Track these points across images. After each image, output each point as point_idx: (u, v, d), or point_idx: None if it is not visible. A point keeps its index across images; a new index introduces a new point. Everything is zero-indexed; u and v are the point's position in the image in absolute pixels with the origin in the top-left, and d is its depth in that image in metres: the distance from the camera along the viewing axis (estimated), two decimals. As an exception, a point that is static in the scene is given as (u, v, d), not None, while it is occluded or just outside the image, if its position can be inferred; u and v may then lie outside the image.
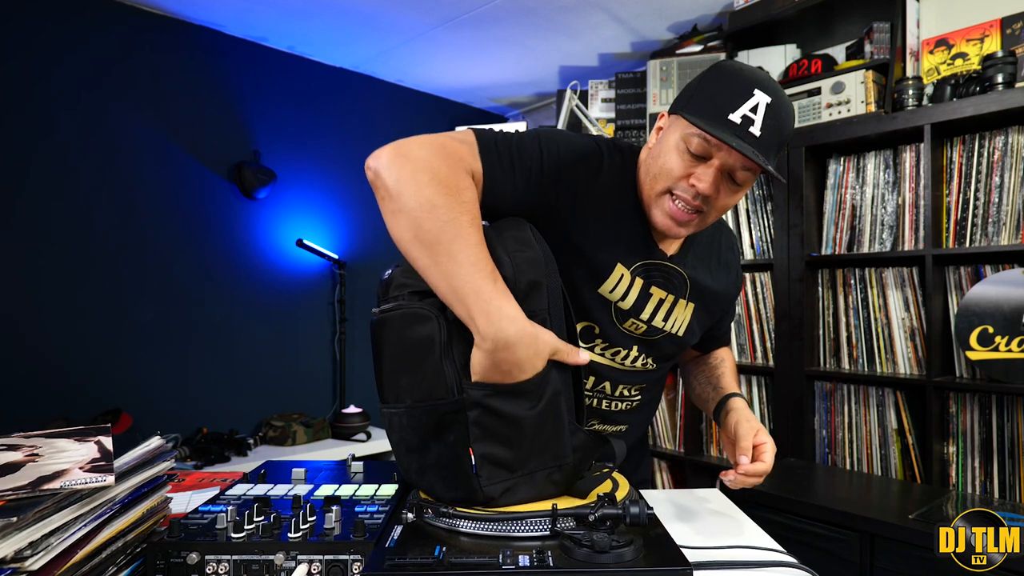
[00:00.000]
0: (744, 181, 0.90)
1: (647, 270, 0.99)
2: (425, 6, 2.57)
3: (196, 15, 2.64)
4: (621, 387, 1.04)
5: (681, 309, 1.03)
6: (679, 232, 0.94)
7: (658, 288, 1.00)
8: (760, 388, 2.36)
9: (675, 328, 1.03)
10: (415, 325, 0.75)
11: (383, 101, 3.38)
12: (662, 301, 1.01)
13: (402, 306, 0.76)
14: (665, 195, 0.92)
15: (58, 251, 2.34)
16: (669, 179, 0.90)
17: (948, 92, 1.93)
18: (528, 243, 0.80)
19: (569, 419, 0.78)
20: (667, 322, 1.02)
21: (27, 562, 0.56)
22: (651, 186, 0.93)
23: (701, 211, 0.91)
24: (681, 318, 1.04)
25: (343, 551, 0.68)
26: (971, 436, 1.86)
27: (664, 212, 0.92)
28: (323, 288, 3.13)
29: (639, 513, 0.70)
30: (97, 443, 0.66)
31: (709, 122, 0.84)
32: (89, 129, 2.42)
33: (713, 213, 0.92)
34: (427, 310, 0.75)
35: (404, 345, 0.76)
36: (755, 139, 0.84)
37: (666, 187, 0.91)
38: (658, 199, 0.93)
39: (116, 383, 2.45)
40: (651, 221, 0.95)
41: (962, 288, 1.89)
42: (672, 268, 1.01)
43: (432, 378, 0.74)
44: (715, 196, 0.89)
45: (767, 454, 0.94)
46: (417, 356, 0.75)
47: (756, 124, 0.84)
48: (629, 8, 2.59)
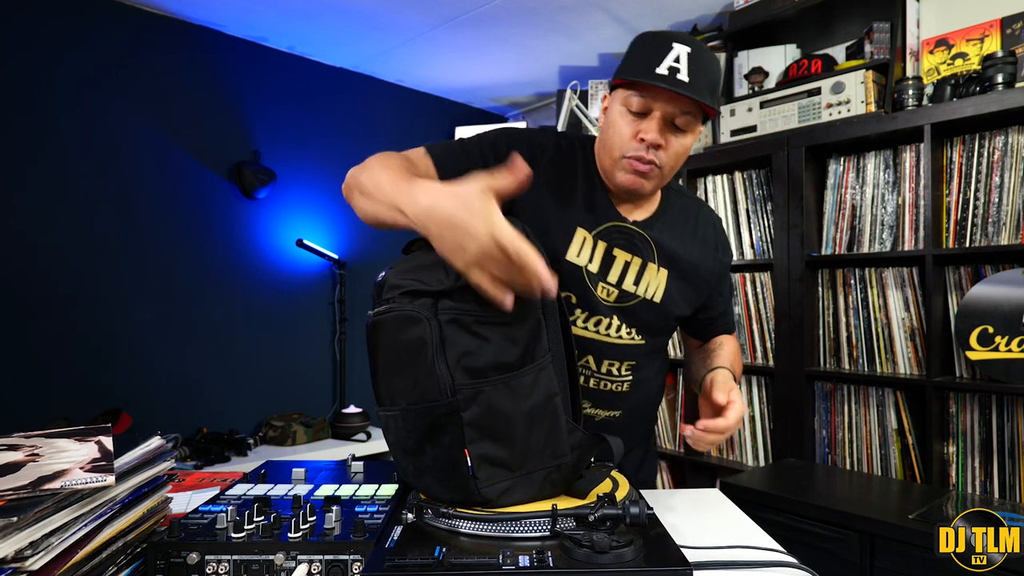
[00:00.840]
0: (687, 126, 0.99)
1: (609, 233, 1.05)
2: (425, 6, 2.57)
3: (196, 15, 2.64)
4: (607, 363, 1.05)
5: (653, 273, 1.07)
6: (643, 186, 1.02)
7: (621, 250, 1.05)
8: (760, 388, 2.36)
9: (649, 293, 1.06)
10: (407, 327, 0.75)
11: (383, 101, 3.38)
12: (628, 263, 1.06)
13: (394, 308, 0.76)
14: (621, 159, 1.01)
15: (58, 251, 2.34)
16: (621, 143, 1.00)
17: (948, 92, 1.93)
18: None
19: (566, 418, 0.78)
20: (639, 286, 1.06)
21: (27, 562, 0.56)
22: (608, 156, 1.03)
23: (655, 163, 1.00)
24: (655, 283, 1.07)
25: (343, 551, 0.68)
26: (971, 436, 1.86)
27: (625, 171, 1.01)
28: (323, 288, 3.13)
29: (639, 513, 0.70)
30: (97, 443, 0.66)
31: (640, 77, 0.95)
32: (89, 129, 2.42)
33: (668, 163, 1.01)
34: (418, 312, 0.75)
35: (397, 347, 0.76)
36: (684, 84, 0.93)
37: (620, 152, 1.01)
38: (617, 164, 1.02)
39: (116, 383, 2.45)
40: (617, 186, 1.04)
41: (962, 288, 1.89)
42: (634, 231, 1.07)
43: (426, 380, 0.74)
44: (664, 145, 0.99)
45: (732, 412, 0.94)
46: (410, 358, 0.75)
47: (682, 71, 0.94)
48: (629, 8, 2.59)
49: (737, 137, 2.38)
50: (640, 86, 0.97)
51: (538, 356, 0.77)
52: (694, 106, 0.96)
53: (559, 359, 0.80)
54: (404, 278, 0.77)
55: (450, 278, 0.75)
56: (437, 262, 0.77)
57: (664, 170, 1.02)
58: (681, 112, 0.97)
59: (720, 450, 2.48)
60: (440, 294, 0.76)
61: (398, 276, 0.78)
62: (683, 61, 0.94)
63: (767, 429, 2.33)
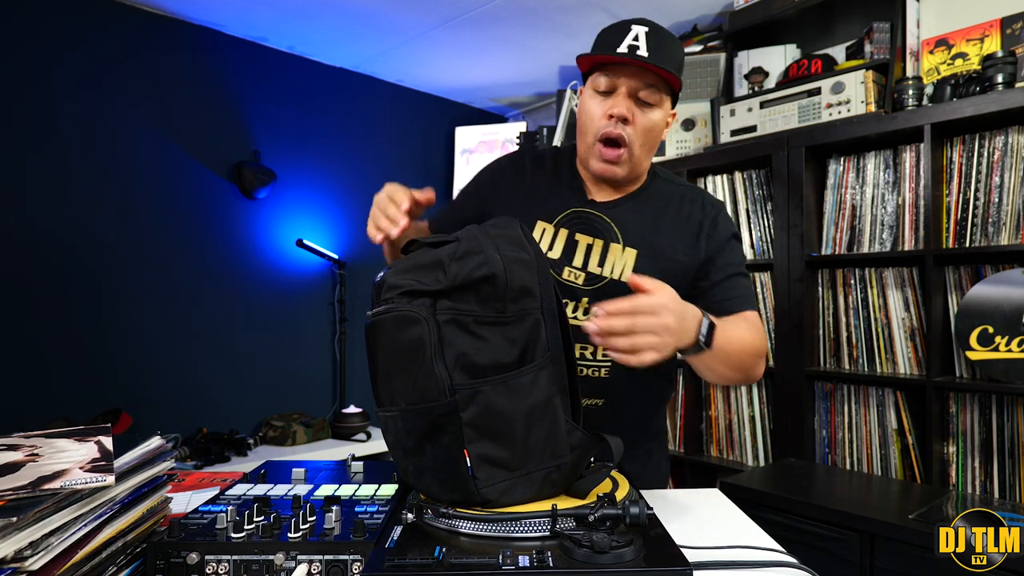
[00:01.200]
0: (653, 100, 1.05)
1: (569, 220, 1.11)
2: (425, 6, 2.57)
3: (196, 15, 2.64)
4: (579, 346, 1.06)
5: (618, 253, 1.08)
6: (615, 172, 1.08)
7: (582, 234, 1.10)
8: (760, 388, 2.36)
9: (616, 274, 1.08)
10: (406, 328, 0.75)
11: (383, 101, 3.38)
12: (591, 246, 1.09)
13: (393, 309, 0.76)
14: (593, 145, 1.07)
15: (58, 251, 2.34)
16: (593, 124, 1.07)
17: (948, 92, 1.93)
18: (520, 244, 0.81)
19: (565, 418, 0.78)
20: (604, 267, 1.08)
21: (27, 562, 0.56)
22: (583, 143, 1.10)
23: (622, 143, 1.05)
24: (620, 263, 1.08)
25: (343, 551, 0.68)
26: (971, 436, 1.86)
27: (597, 157, 1.07)
28: (323, 288, 3.13)
29: (639, 513, 0.70)
30: (97, 443, 0.66)
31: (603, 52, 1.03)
32: (89, 129, 2.42)
33: (637, 140, 1.06)
34: (417, 312, 0.75)
35: (396, 348, 0.76)
36: (644, 58, 1.01)
37: (592, 135, 1.07)
38: (591, 149, 1.08)
39: (116, 383, 2.45)
40: (592, 174, 1.10)
41: (962, 288, 1.89)
42: (593, 214, 1.11)
43: (424, 380, 0.74)
44: (632, 119, 1.04)
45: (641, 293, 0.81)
46: (409, 359, 0.75)
47: (642, 48, 1.01)
48: (629, 8, 2.59)
49: (737, 137, 2.38)
50: (605, 67, 1.05)
51: (537, 356, 0.77)
52: (657, 79, 1.03)
53: (558, 359, 0.80)
54: (402, 278, 0.77)
55: (448, 277, 0.75)
56: (435, 262, 0.77)
57: (634, 149, 1.06)
58: (645, 85, 1.03)
59: (720, 450, 2.48)
60: (438, 294, 0.76)
61: (396, 276, 0.78)
62: (642, 39, 1.02)
63: (767, 429, 2.33)
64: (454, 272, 0.75)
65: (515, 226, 0.84)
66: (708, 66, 2.64)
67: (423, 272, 0.77)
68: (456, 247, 0.78)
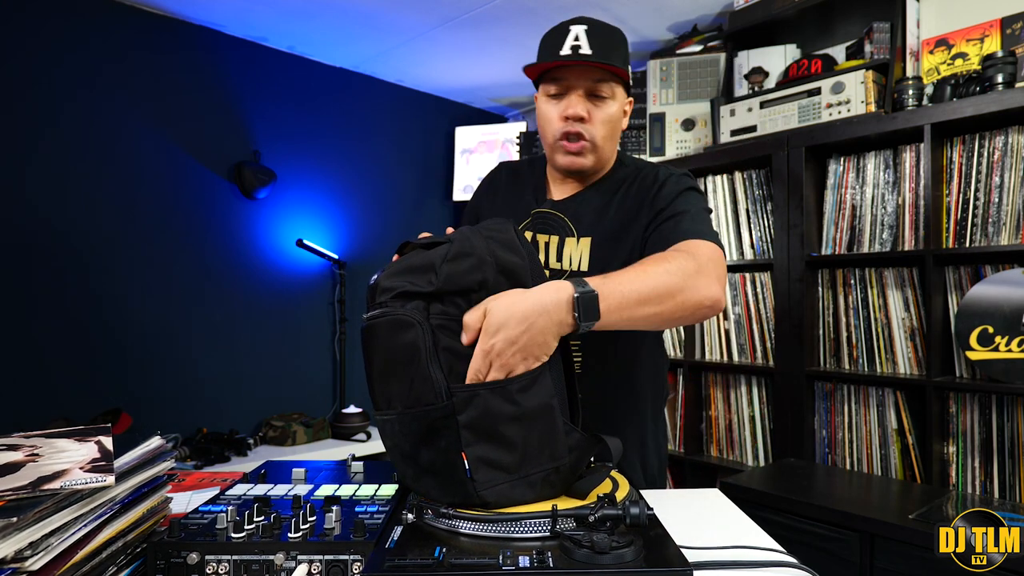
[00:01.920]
0: (606, 93, 1.07)
1: (533, 222, 1.15)
2: (425, 6, 2.57)
3: (196, 15, 2.64)
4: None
5: (573, 246, 1.11)
6: (581, 163, 1.11)
7: (541, 234, 1.14)
8: (760, 388, 2.36)
9: (575, 264, 1.10)
10: (400, 332, 0.75)
11: (383, 101, 3.38)
12: (548, 243, 1.13)
13: (387, 313, 0.76)
14: (556, 143, 1.10)
15: (58, 251, 2.34)
16: (551, 127, 1.10)
17: (948, 92, 1.93)
18: (513, 247, 0.80)
19: (563, 419, 0.78)
20: (562, 260, 1.11)
21: (27, 562, 0.56)
22: (547, 144, 1.13)
23: (583, 137, 1.08)
24: (576, 253, 1.11)
25: (343, 551, 0.68)
26: (971, 436, 1.86)
27: (561, 153, 1.11)
28: (323, 288, 3.13)
29: (639, 513, 0.70)
30: (97, 443, 0.66)
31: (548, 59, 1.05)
32: (89, 129, 2.42)
33: (599, 133, 1.08)
34: (410, 316, 0.74)
35: (391, 352, 0.76)
36: (590, 56, 1.03)
37: (552, 136, 1.10)
38: (554, 148, 1.11)
39: (116, 383, 2.45)
40: (560, 170, 1.14)
41: (962, 288, 1.89)
42: (550, 213, 1.15)
43: (420, 384, 0.74)
44: (588, 117, 1.07)
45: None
46: (404, 362, 0.75)
47: (584, 47, 1.03)
48: (629, 8, 2.59)
49: (737, 137, 2.38)
50: (553, 71, 1.07)
51: None
52: (605, 73, 1.06)
53: (555, 360, 0.80)
54: (394, 280, 0.77)
55: (440, 279, 0.75)
56: (427, 264, 0.77)
57: (597, 140, 1.09)
58: (594, 81, 1.06)
59: (720, 450, 2.48)
60: (430, 296, 0.76)
61: (389, 278, 0.78)
62: (583, 38, 1.04)
63: (767, 429, 2.33)
64: (446, 273, 0.75)
65: (509, 228, 0.83)
66: (708, 66, 2.64)
67: (415, 274, 0.77)
68: (448, 249, 0.78)
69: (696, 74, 2.66)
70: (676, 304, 0.85)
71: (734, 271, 2.43)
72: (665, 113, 2.69)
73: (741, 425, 2.41)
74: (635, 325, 0.86)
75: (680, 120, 2.67)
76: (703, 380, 2.55)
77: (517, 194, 1.22)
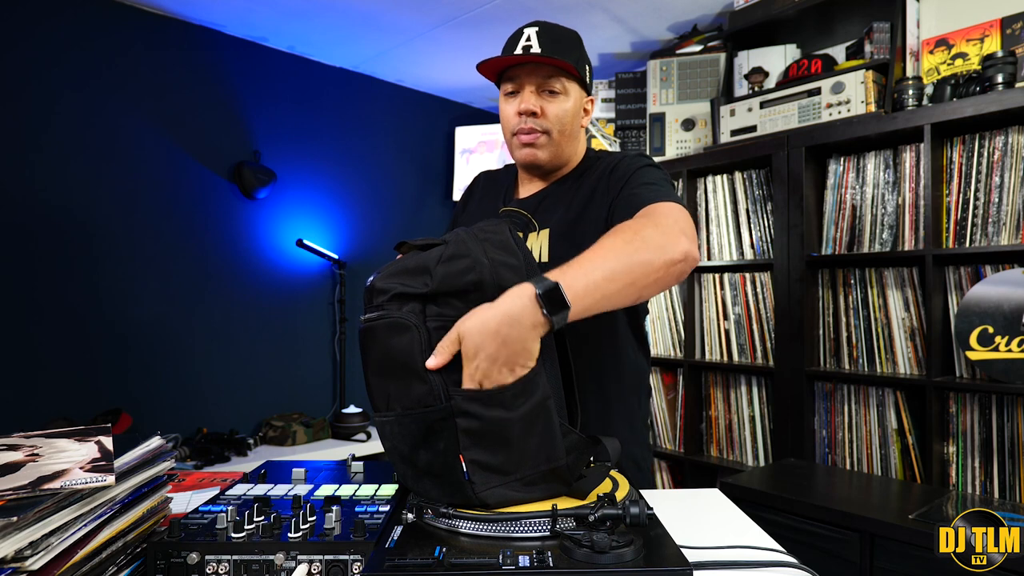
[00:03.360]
0: (557, 89, 1.12)
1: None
2: (425, 6, 2.57)
3: (196, 15, 2.64)
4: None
5: (533, 239, 1.14)
6: (536, 155, 1.14)
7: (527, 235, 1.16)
8: (760, 388, 2.36)
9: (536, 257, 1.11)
10: (397, 334, 0.75)
11: (383, 101, 3.38)
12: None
13: (384, 315, 0.76)
14: (512, 139, 1.15)
15: (58, 250, 2.34)
16: (508, 123, 1.15)
17: (948, 92, 1.93)
18: (508, 248, 0.80)
19: (560, 421, 0.78)
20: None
21: (27, 562, 0.56)
22: (507, 143, 1.18)
23: (536, 130, 1.12)
24: (536, 245, 1.13)
25: (343, 551, 0.68)
26: (971, 436, 1.86)
27: (517, 147, 1.15)
28: (323, 288, 3.13)
29: (639, 513, 0.70)
30: (97, 443, 0.66)
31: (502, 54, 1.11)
32: (89, 129, 2.42)
33: (553, 127, 1.12)
34: (406, 319, 0.74)
35: (389, 354, 0.76)
36: (538, 53, 1.08)
37: (509, 131, 1.15)
38: (511, 143, 1.16)
39: (116, 383, 2.45)
40: (520, 165, 1.19)
41: (962, 288, 1.89)
42: (515, 211, 1.19)
43: (419, 386, 0.74)
44: (541, 111, 1.11)
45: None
46: (402, 364, 0.75)
47: (535, 46, 1.08)
48: (629, 8, 2.59)
49: (737, 137, 2.38)
50: (508, 71, 1.14)
51: None
52: (554, 69, 1.10)
53: (552, 362, 0.80)
54: (389, 282, 0.77)
55: (434, 280, 0.75)
56: (421, 266, 0.76)
57: (553, 134, 1.13)
58: (544, 77, 1.11)
59: (720, 450, 2.48)
60: (426, 297, 0.75)
61: (384, 280, 0.78)
62: (534, 39, 1.09)
63: (767, 429, 2.33)
64: (440, 275, 0.75)
65: (504, 229, 0.83)
66: (708, 66, 2.64)
67: (409, 276, 0.77)
68: (443, 250, 0.78)
69: (696, 74, 2.66)
70: (646, 270, 0.83)
71: (734, 271, 2.43)
72: (665, 113, 2.69)
73: (741, 425, 2.41)
74: (613, 303, 0.83)
75: (680, 120, 2.67)
76: (703, 380, 2.55)
77: (490, 198, 1.27)
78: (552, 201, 1.16)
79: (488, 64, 1.12)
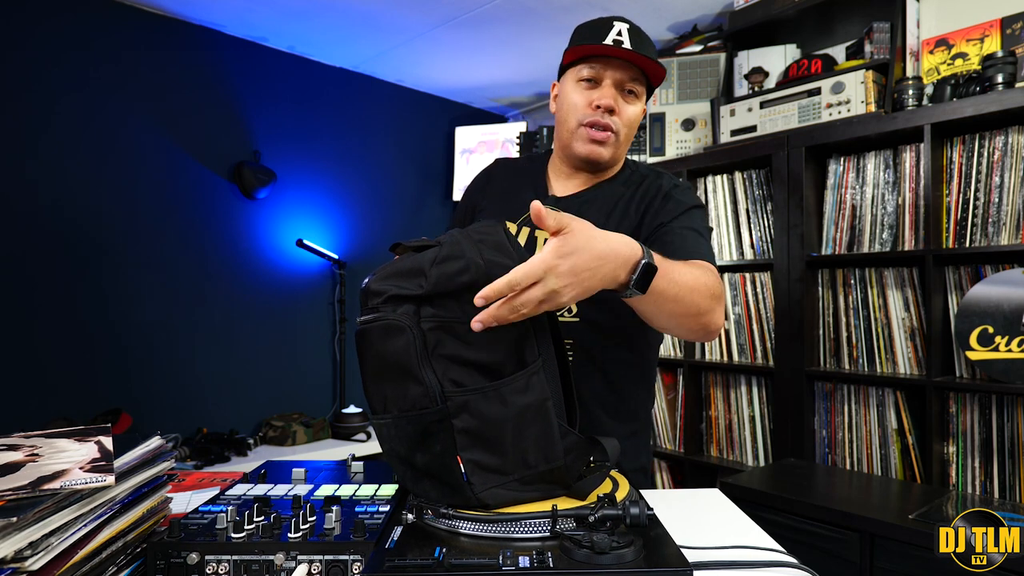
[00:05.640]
0: (638, 92, 1.10)
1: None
2: (425, 6, 2.57)
3: (196, 15, 2.64)
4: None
5: None
6: (601, 154, 1.11)
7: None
8: (760, 388, 2.36)
9: None
10: (392, 336, 0.75)
11: (383, 101, 3.38)
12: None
13: (380, 317, 0.76)
14: (578, 128, 1.10)
15: (58, 251, 2.34)
16: (576, 112, 1.10)
17: (948, 92, 1.93)
18: (503, 248, 0.79)
19: (559, 422, 0.78)
20: None
21: (27, 562, 0.55)
22: (566, 130, 1.12)
23: (610, 128, 1.08)
24: None
25: (343, 551, 0.68)
26: (971, 436, 1.86)
27: (583, 140, 1.10)
28: (323, 288, 3.13)
29: (639, 514, 0.70)
30: (97, 443, 0.66)
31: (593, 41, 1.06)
32: (89, 129, 2.42)
33: (623, 130, 1.10)
34: (400, 321, 0.74)
35: (385, 356, 0.76)
36: (630, 51, 1.05)
37: (577, 120, 1.10)
38: (575, 133, 1.11)
39: (116, 383, 2.45)
40: (576, 157, 1.13)
41: (962, 288, 1.89)
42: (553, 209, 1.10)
43: (415, 388, 0.74)
44: (618, 109, 1.08)
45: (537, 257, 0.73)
46: (398, 366, 0.75)
47: (626, 42, 1.05)
48: (629, 8, 2.59)
49: (737, 137, 2.38)
50: (590, 59, 1.08)
51: (528, 361, 0.77)
52: (639, 72, 1.08)
53: (550, 362, 0.80)
54: (384, 284, 0.77)
55: (429, 282, 0.75)
56: (416, 267, 0.76)
57: (620, 136, 1.10)
58: (630, 79, 1.08)
59: (720, 450, 2.48)
60: (420, 299, 0.75)
61: (379, 282, 0.78)
62: (625, 35, 1.06)
63: (767, 429, 2.33)
64: (435, 276, 0.75)
65: (499, 230, 0.82)
66: (708, 66, 2.64)
67: (403, 278, 0.76)
68: (438, 251, 0.77)
69: (696, 74, 2.66)
70: (693, 312, 0.89)
71: (734, 271, 2.43)
72: (665, 113, 2.69)
73: (741, 425, 2.41)
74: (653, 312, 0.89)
75: (680, 120, 2.67)
76: (703, 380, 2.55)
77: (515, 188, 1.20)
78: (592, 207, 1.13)
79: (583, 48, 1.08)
